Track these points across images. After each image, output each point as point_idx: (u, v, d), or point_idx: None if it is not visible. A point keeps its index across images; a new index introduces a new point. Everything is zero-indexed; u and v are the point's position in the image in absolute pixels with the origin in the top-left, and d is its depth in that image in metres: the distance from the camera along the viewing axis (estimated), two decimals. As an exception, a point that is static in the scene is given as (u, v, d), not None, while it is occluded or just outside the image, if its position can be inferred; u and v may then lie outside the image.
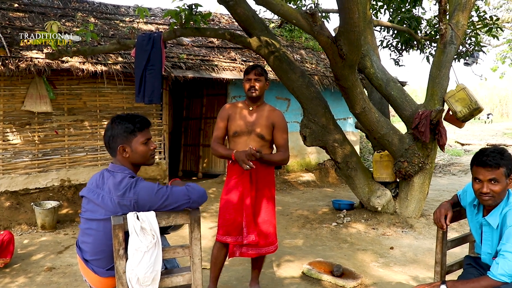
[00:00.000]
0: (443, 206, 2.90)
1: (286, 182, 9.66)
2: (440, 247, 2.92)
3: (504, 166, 2.52)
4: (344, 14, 4.63)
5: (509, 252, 2.46)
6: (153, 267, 2.41)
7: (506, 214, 2.58)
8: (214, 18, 11.76)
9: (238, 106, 3.77)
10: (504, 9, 20.05)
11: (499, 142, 19.22)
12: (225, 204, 3.67)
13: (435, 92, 6.14)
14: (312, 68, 10.29)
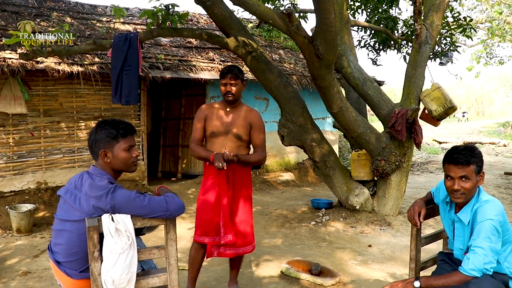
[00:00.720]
0: (416, 204, 2.94)
1: (266, 181, 9.68)
2: (415, 244, 2.96)
3: (474, 164, 2.59)
4: (320, 14, 4.65)
5: (479, 247, 2.51)
6: (128, 268, 2.39)
7: (476, 211, 2.64)
8: (193, 18, 11.72)
9: (215, 107, 3.76)
10: (478, 10, 20.42)
11: (475, 140, 19.58)
12: (202, 204, 3.66)
13: (411, 91, 6.22)
14: (291, 68, 10.33)
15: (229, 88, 3.61)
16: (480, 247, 2.51)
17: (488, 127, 25.95)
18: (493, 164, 13.53)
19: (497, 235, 2.55)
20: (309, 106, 6.40)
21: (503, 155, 16.03)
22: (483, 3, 19.26)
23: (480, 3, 19.72)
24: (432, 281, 2.61)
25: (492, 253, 2.52)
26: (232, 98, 3.65)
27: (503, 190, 9.59)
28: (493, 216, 2.56)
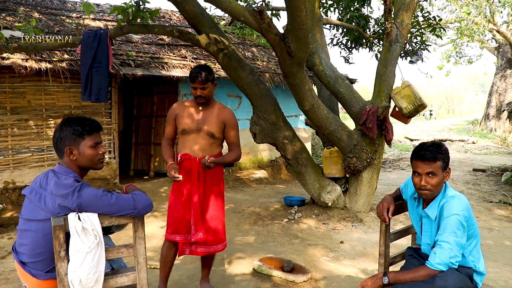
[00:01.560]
0: (385, 200, 2.97)
1: (239, 179, 9.67)
2: (384, 240, 2.99)
3: (441, 160, 2.63)
4: (291, 12, 4.65)
5: (445, 242, 2.56)
6: (96, 268, 2.36)
7: (443, 206, 2.68)
8: (165, 15, 11.62)
9: (186, 105, 3.72)
10: (448, 11, 20.81)
11: (445, 137, 19.97)
12: (173, 202, 3.64)
13: (382, 89, 6.28)
14: (264, 65, 10.34)
15: (200, 92, 3.58)
16: (446, 241, 2.56)
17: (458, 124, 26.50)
18: (462, 161, 13.82)
19: (463, 229, 2.60)
20: (281, 103, 6.41)
21: (472, 152, 16.40)
22: (452, 3, 19.63)
23: (450, 4, 20.12)
24: (400, 276, 2.64)
25: (458, 247, 2.57)
26: (203, 101, 3.63)
27: (471, 186, 9.80)
28: (459, 211, 2.60)
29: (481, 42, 22.21)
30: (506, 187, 9.61)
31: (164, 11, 11.96)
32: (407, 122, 6.46)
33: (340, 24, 8.85)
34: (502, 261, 5.15)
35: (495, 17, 19.15)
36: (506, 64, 21.14)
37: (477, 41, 21.75)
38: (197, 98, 3.60)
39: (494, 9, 18.34)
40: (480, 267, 2.82)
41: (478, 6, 18.03)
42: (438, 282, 2.52)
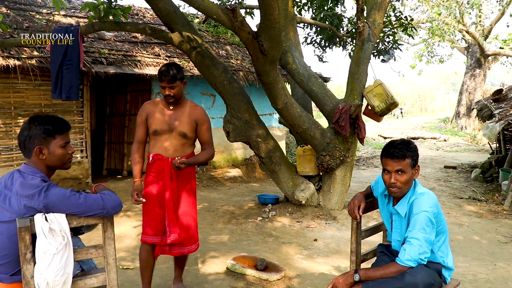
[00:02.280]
0: (356, 198, 3.00)
1: (213, 178, 9.63)
2: (355, 237, 3.02)
3: (409, 157, 2.67)
4: (264, 11, 4.65)
5: (414, 238, 2.60)
6: (63, 269, 2.31)
7: (413, 203, 2.72)
8: (138, 13, 11.49)
9: (158, 104, 3.64)
10: (420, 11, 21.15)
11: (418, 135, 20.27)
12: (147, 204, 3.58)
13: (355, 87, 6.33)
14: (238, 64, 10.31)
15: (168, 92, 3.50)
16: (415, 238, 2.60)
17: (430, 122, 26.91)
18: (434, 158, 14.05)
19: (432, 226, 2.64)
20: (255, 102, 6.41)
21: (443, 149, 16.68)
22: (424, 4, 19.95)
23: (422, 4, 20.43)
24: (371, 273, 2.66)
25: (427, 243, 2.61)
26: (173, 100, 3.55)
27: (443, 183, 9.98)
28: (428, 208, 2.65)
29: (452, 42, 22.63)
30: (476, 183, 9.82)
31: (138, 8, 11.83)
32: (380, 120, 6.53)
33: (313, 23, 8.89)
34: (471, 255, 5.26)
35: (464, 18, 19.54)
36: (475, 63, 21.57)
37: (447, 41, 22.15)
38: (167, 97, 3.53)
39: (463, 10, 18.72)
40: (448, 262, 2.87)
41: (448, 7, 18.38)
42: (407, 278, 2.55)
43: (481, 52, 20.91)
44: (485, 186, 9.47)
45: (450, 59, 28.25)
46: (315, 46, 10.02)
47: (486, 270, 4.75)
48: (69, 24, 8.65)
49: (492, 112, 9.11)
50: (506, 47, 21.23)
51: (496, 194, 8.42)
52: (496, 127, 7.88)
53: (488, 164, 10.70)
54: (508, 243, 5.78)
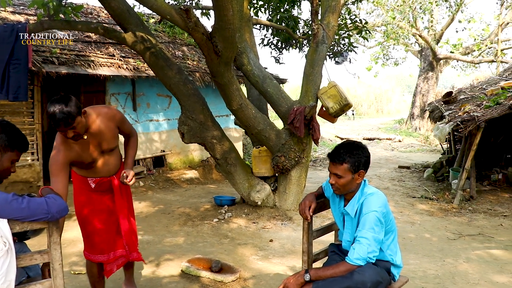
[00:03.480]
0: (307, 198, 3.02)
1: (169, 180, 9.53)
2: (306, 237, 3.03)
3: (349, 163, 2.72)
4: (218, 12, 4.64)
5: (364, 238, 2.64)
6: (5, 277, 2.22)
7: (362, 203, 2.77)
8: (92, 12, 11.24)
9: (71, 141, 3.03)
10: (375, 15, 21.63)
11: (374, 136, 20.69)
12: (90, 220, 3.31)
13: (309, 89, 6.40)
14: (194, 65, 10.25)
15: (71, 134, 2.90)
16: (364, 237, 2.64)
17: (386, 124, 27.50)
18: (389, 159, 14.38)
19: (380, 225, 2.69)
20: (212, 103, 6.39)
21: (398, 150, 17.09)
22: (379, 8, 20.40)
23: (377, 8, 20.89)
24: (321, 273, 2.69)
25: (376, 242, 2.66)
26: (80, 138, 3.00)
27: (397, 182, 10.22)
28: (377, 208, 2.70)
29: (406, 45, 23.26)
30: (428, 182, 10.10)
31: (92, 7, 11.57)
32: (334, 121, 6.62)
33: (269, 25, 8.94)
34: (422, 252, 5.40)
35: (417, 22, 20.14)
36: (428, 66, 22.23)
37: (402, 44, 22.75)
38: (73, 138, 2.95)
39: (416, 15, 19.30)
40: (397, 260, 2.93)
41: (402, 12, 18.90)
42: (356, 277, 2.59)
43: (433, 55, 21.58)
44: (437, 185, 9.75)
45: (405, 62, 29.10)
46: (271, 47, 10.09)
47: (436, 266, 4.89)
48: (17, 21, 8.37)
49: (443, 113, 9.39)
50: (456, 51, 22.02)
51: (446, 193, 8.68)
52: (446, 128, 8.12)
53: (439, 164, 11.04)
54: (456, 239, 5.97)
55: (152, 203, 7.63)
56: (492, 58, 20.27)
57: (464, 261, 5.06)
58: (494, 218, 7.08)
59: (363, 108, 36.99)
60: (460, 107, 9.07)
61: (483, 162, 10.09)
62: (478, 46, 21.36)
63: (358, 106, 36.49)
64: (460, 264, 4.96)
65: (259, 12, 9.42)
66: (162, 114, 10.06)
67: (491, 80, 11.92)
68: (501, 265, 4.96)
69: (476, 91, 10.73)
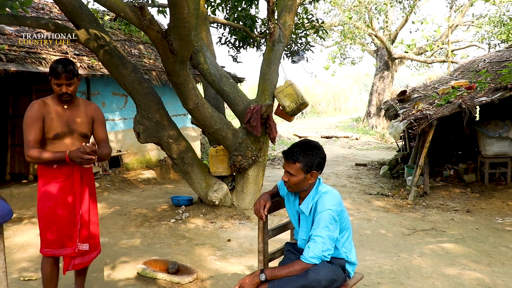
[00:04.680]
0: (262, 197, 3.02)
1: (126, 180, 9.35)
2: (262, 237, 3.03)
3: (301, 163, 2.75)
4: (173, 9, 4.57)
5: (318, 236, 2.66)
6: None
7: (317, 202, 2.79)
8: (45, 7, 10.89)
9: (51, 105, 3.32)
10: (332, 15, 21.94)
11: (332, 134, 20.99)
12: (52, 214, 3.27)
13: (266, 87, 6.41)
14: (151, 63, 10.10)
15: (66, 89, 3.22)
16: (319, 236, 2.67)
17: (344, 122, 27.93)
18: (346, 156, 14.62)
19: (335, 224, 2.72)
20: (169, 102, 6.31)
21: (355, 148, 17.39)
22: (336, 8, 20.71)
23: (334, 8, 21.20)
24: (276, 272, 2.69)
25: (330, 241, 2.69)
26: (69, 99, 3.30)
27: (354, 180, 10.39)
28: (331, 206, 2.72)
29: (362, 45, 23.71)
30: (384, 179, 10.33)
31: (44, 2, 11.21)
32: (291, 120, 6.67)
33: (227, 23, 8.89)
34: (378, 248, 5.51)
35: (373, 22, 20.56)
36: (384, 66, 22.74)
37: (358, 44, 23.18)
38: (63, 95, 3.25)
39: (371, 15, 19.70)
40: (351, 257, 2.97)
41: (358, 12, 19.25)
42: (311, 275, 2.61)
43: (389, 55, 22.09)
44: (392, 182, 9.98)
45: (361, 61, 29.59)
46: (229, 46, 10.04)
47: (391, 261, 5.00)
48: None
49: (397, 112, 9.62)
50: (410, 51, 22.64)
51: (401, 189, 8.90)
52: (400, 126, 8.32)
53: (394, 161, 11.31)
54: (411, 234, 6.13)
55: (108, 204, 7.48)
56: (444, 59, 20.97)
57: (418, 256, 5.20)
58: (446, 213, 7.31)
59: (321, 106, 37.41)
60: (413, 106, 9.31)
61: (436, 159, 10.40)
62: (430, 47, 22.05)
63: (316, 104, 36.88)
64: (414, 259, 5.09)
65: (217, 11, 9.36)
66: (118, 113, 9.86)
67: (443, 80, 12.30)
68: (452, 258, 5.13)
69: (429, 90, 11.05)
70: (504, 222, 6.70)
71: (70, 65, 3.23)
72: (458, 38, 23.17)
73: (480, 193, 8.39)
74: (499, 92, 7.62)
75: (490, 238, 5.94)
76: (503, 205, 7.57)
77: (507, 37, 17.31)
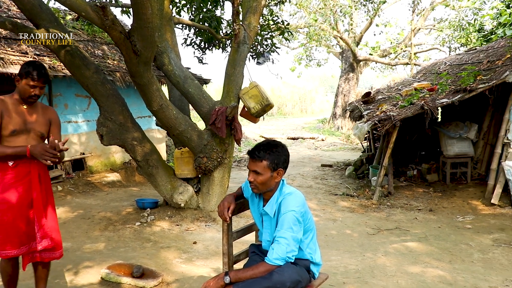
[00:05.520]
0: (226, 199, 3.00)
1: (89, 183, 9.17)
2: (226, 239, 3.01)
3: (268, 160, 2.74)
4: (136, 10, 4.51)
5: (282, 238, 2.66)
6: None
7: (281, 203, 2.79)
8: (2, 5, 10.56)
9: (9, 102, 3.29)
10: (298, 17, 22.13)
11: (298, 135, 21.14)
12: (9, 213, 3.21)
13: (231, 89, 6.39)
14: (115, 64, 9.94)
15: (38, 92, 3.27)
16: (283, 237, 2.66)
17: (310, 123, 28.14)
18: (312, 158, 14.74)
19: (299, 225, 2.73)
20: (134, 104, 6.22)
21: (321, 149, 17.56)
22: (302, 10, 20.88)
23: (300, 10, 21.37)
24: (241, 274, 2.68)
25: (294, 242, 2.69)
26: (35, 100, 3.34)
27: (320, 180, 10.49)
28: (295, 208, 2.72)
29: (328, 47, 24.01)
30: (349, 180, 10.46)
31: (2, 0, 10.87)
32: (256, 121, 6.68)
33: (192, 25, 8.83)
34: (344, 248, 5.58)
35: (338, 25, 20.83)
36: (349, 68, 23.08)
37: (324, 46, 23.45)
38: (32, 97, 3.27)
39: (337, 18, 19.95)
40: (316, 258, 2.99)
41: (324, 14, 19.47)
42: (275, 277, 2.61)
43: (354, 57, 22.43)
44: (357, 182, 10.12)
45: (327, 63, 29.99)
46: (194, 47, 9.98)
47: (356, 261, 5.06)
48: None
49: (362, 113, 9.76)
50: (375, 53, 23.07)
51: (366, 190, 9.04)
52: (364, 127, 8.44)
53: (360, 161, 11.48)
54: (376, 234, 6.22)
55: (71, 208, 7.31)
56: (407, 61, 21.45)
57: (382, 255, 5.29)
58: (410, 212, 7.46)
59: (287, 108, 37.63)
60: (377, 107, 9.47)
61: (400, 159, 10.61)
62: (394, 49, 22.52)
63: (283, 106, 37.09)
64: (379, 258, 5.17)
65: (182, 12, 9.29)
66: (81, 115, 9.66)
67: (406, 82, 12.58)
68: (415, 257, 5.23)
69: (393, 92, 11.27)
70: (464, 220, 6.89)
71: (44, 68, 3.31)
72: (421, 41, 23.76)
73: (442, 192, 8.60)
74: (459, 94, 7.83)
75: (452, 236, 6.09)
76: (464, 204, 7.78)
77: (466, 40, 17.84)
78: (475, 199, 7.88)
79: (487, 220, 6.78)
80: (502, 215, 6.99)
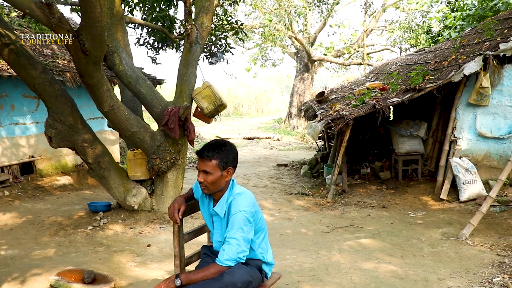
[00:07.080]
0: (176, 201, 2.97)
1: (39, 187, 8.87)
2: (177, 241, 2.97)
3: (217, 159, 2.72)
4: (84, 8, 4.37)
5: (233, 238, 2.65)
6: None
7: (231, 203, 2.78)
8: None
9: None
10: (253, 17, 22.22)
11: (254, 135, 21.19)
12: None
13: (184, 89, 6.32)
14: (65, 64, 9.65)
15: None
16: (233, 238, 2.66)
17: (266, 123, 28.29)
18: (268, 157, 14.80)
19: (250, 225, 2.72)
20: (86, 105, 6.05)
21: (277, 148, 17.66)
22: (257, 10, 20.97)
23: (255, 10, 21.45)
24: (192, 276, 2.65)
25: (245, 242, 2.68)
26: None
27: (275, 180, 10.54)
28: (245, 208, 2.72)
29: (283, 47, 24.20)
30: (304, 179, 10.56)
31: None
32: (210, 122, 6.64)
33: (145, 24, 8.69)
34: (299, 247, 5.62)
35: (293, 25, 21.03)
36: (304, 68, 23.34)
37: (279, 46, 23.61)
38: None
39: (291, 18, 20.15)
40: (268, 258, 3.00)
41: (278, 15, 19.62)
42: (226, 278, 2.60)
43: (308, 57, 22.70)
44: (313, 181, 10.23)
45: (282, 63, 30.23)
46: (147, 47, 9.83)
47: (311, 259, 5.11)
48: None
49: (316, 112, 9.87)
50: (329, 54, 23.44)
51: (321, 188, 9.14)
52: (318, 126, 8.54)
53: (314, 160, 11.61)
54: (330, 232, 6.31)
55: (19, 213, 7.05)
56: (360, 61, 21.90)
57: (336, 252, 5.37)
58: (364, 209, 7.60)
59: (244, 108, 37.68)
60: (331, 106, 9.60)
61: (354, 158, 10.80)
62: (347, 50, 22.96)
63: (239, 106, 37.11)
64: (333, 255, 5.24)
65: (134, 11, 9.13)
66: (29, 116, 9.32)
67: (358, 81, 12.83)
68: (369, 253, 5.34)
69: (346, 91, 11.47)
70: (415, 215, 7.08)
71: None
72: (373, 42, 24.31)
73: (395, 189, 8.81)
74: (409, 93, 8.04)
75: (403, 231, 6.25)
76: (415, 200, 7.99)
77: (416, 42, 18.39)
78: (426, 195, 8.11)
79: (437, 215, 6.99)
80: (450, 210, 7.23)
